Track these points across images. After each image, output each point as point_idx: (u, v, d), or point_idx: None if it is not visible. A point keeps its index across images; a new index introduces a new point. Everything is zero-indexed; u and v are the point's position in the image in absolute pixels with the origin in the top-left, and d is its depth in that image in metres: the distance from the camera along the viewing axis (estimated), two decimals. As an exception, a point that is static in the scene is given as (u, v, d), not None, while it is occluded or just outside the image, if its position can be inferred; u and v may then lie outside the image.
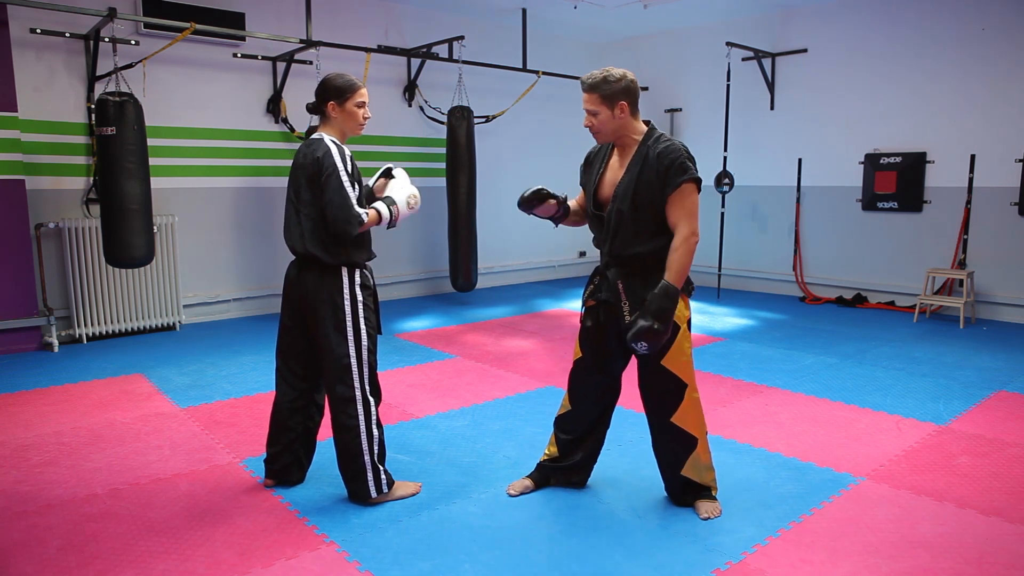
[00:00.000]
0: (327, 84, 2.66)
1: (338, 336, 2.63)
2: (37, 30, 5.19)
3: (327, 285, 2.63)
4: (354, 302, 2.65)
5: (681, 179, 2.43)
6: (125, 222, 4.83)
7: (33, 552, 2.40)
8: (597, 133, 2.55)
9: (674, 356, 2.54)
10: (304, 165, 2.61)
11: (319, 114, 2.72)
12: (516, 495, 2.82)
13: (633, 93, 2.50)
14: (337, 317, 2.63)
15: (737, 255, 7.87)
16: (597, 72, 2.50)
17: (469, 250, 6.84)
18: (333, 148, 2.59)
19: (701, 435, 2.64)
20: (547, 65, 7.78)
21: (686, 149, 2.50)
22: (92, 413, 3.78)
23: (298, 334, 2.75)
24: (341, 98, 2.66)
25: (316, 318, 2.65)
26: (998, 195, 6.15)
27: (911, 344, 5.34)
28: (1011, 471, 3.05)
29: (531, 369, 4.69)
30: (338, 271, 2.64)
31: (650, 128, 2.57)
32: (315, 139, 2.65)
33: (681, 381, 2.57)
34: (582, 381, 2.76)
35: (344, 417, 2.65)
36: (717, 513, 2.64)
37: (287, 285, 2.75)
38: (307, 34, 5.92)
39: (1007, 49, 6.01)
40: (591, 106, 2.50)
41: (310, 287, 2.65)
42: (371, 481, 2.69)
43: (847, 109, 6.99)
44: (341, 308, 2.63)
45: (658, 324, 2.36)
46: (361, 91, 2.69)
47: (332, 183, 2.54)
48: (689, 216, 2.45)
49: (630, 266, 2.55)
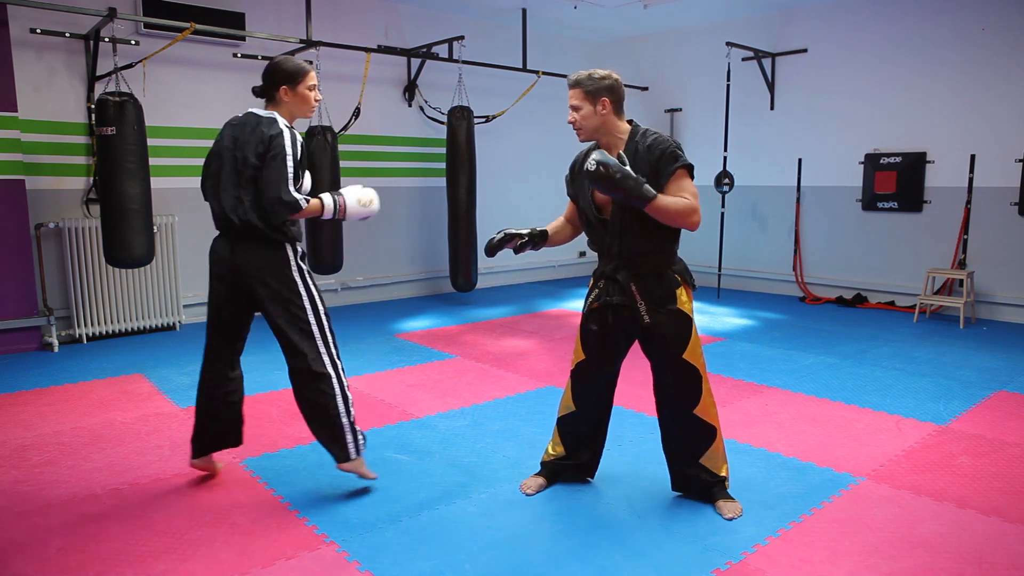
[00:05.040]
0: (279, 68, 2.68)
1: (296, 309, 2.66)
2: (37, 30, 5.19)
3: (274, 260, 2.65)
4: (302, 273, 2.70)
5: (674, 166, 2.47)
6: (125, 222, 4.83)
7: (33, 552, 2.40)
8: (579, 130, 2.58)
9: (692, 348, 2.59)
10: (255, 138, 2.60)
11: (267, 98, 2.72)
12: (533, 494, 2.83)
13: (616, 92, 2.55)
14: (292, 289, 2.66)
15: (737, 255, 7.87)
16: (583, 71, 2.58)
17: (469, 250, 6.84)
18: (287, 132, 2.61)
19: (719, 426, 2.70)
20: (547, 65, 7.78)
21: (674, 141, 2.54)
22: (92, 413, 3.78)
23: (234, 311, 2.77)
24: (294, 82, 2.68)
25: (267, 295, 2.66)
26: (998, 195, 6.15)
27: (911, 344, 5.34)
28: (1011, 471, 3.05)
29: (531, 369, 4.69)
30: (283, 247, 2.67)
31: (634, 126, 2.61)
32: (267, 117, 2.65)
33: (699, 372, 2.62)
34: (586, 383, 2.77)
35: (315, 387, 2.68)
36: (740, 512, 2.66)
37: (217, 263, 2.72)
38: (307, 34, 5.93)
39: (1007, 49, 6.01)
40: (575, 101, 2.55)
41: (253, 263, 2.65)
42: (351, 443, 2.74)
43: (847, 109, 6.99)
44: (293, 280, 2.67)
45: (617, 176, 2.33)
46: (312, 74, 2.73)
47: (276, 163, 2.56)
48: (692, 197, 2.47)
49: (641, 266, 2.56)
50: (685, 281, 2.61)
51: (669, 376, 2.64)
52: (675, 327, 2.56)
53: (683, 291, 2.59)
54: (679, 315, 2.56)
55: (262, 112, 2.68)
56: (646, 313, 2.55)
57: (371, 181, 7.02)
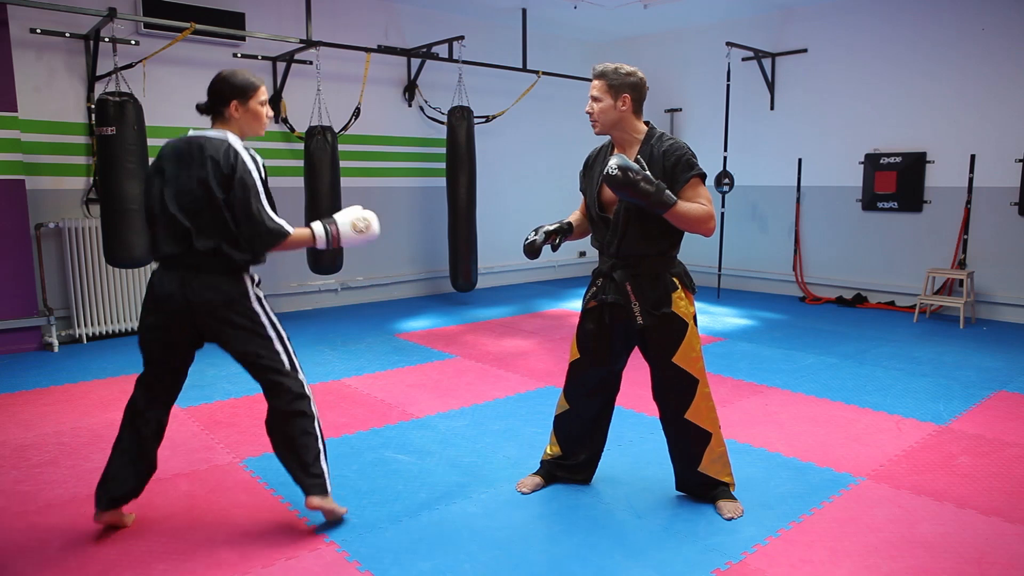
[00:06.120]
0: (227, 82, 2.41)
1: (262, 340, 2.44)
2: (37, 30, 5.19)
3: (231, 294, 2.40)
4: (260, 302, 2.47)
5: (689, 175, 2.47)
6: (125, 222, 4.83)
7: (33, 552, 2.40)
8: (595, 122, 2.56)
9: (685, 353, 2.57)
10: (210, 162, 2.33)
11: (214, 115, 2.46)
12: (529, 493, 2.83)
13: (639, 90, 2.54)
14: (255, 322, 2.43)
15: (737, 255, 7.86)
16: (610, 63, 2.55)
17: (469, 250, 6.84)
18: (243, 152, 2.38)
19: (715, 430, 2.67)
20: (547, 65, 7.78)
21: (689, 148, 2.54)
22: (92, 413, 3.78)
23: (179, 349, 2.49)
24: (245, 97, 2.43)
25: (230, 334, 2.41)
26: (998, 195, 6.15)
27: (911, 344, 5.34)
28: (1011, 471, 3.05)
29: (531, 369, 4.69)
30: (240, 277, 2.43)
31: (651, 128, 2.60)
32: (217, 137, 2.40)
33: (693, 377, 2.59)
34: (579, 380, 2.77)
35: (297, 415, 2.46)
36: (740, 512, 2.65)
37: (162, 298, 2.40)
38: (307, 34, 5.92)
39: (1007, 49, 6.00)
40: (596, 92, 2.53)
41: (209, 298, 2.38)
42: (326, 473, 2.52)
43: (847, 109, 6.99)
44: (255, 312, 2.44)
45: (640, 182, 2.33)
46: (263, 88, 2.49)
47: (249, 192, 2.32)
48: (708, 203, 2.48)
49: (637, 267, 2.56)
50: (684, 285, 2.60)
51: (661, 379, 2.64)
52: (667, 330, 2.55)
53: (681, 294, 2.57)
54: (673, 318, 2.55)
55: (211, 132, 2.42)
56: (639, 314, 2.55)
57: (371, 181, 7.04)
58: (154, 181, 2.42)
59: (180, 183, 2.37)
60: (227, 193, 2.33)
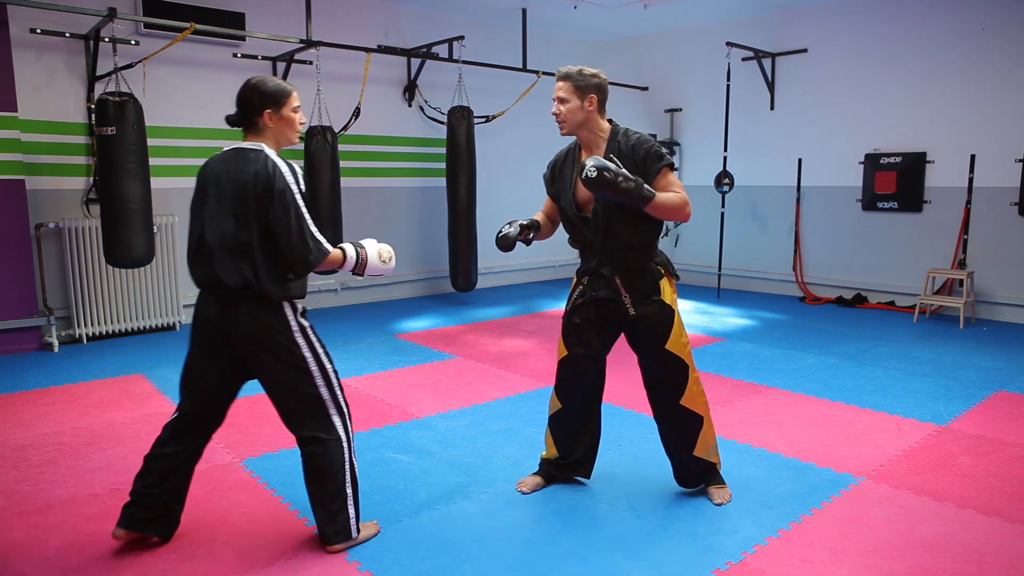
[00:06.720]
0: (258, 90, 2.30)
1: (300, 375, 2.31)
2: (37, 30, 5.19)
3: (272, 325, 2.27)
4: (305, 333, 2.33)
5: (659, 165, 2.57)
6: (125, 222, 4.83)
7: (33, 552, 2.40)
8: (563, 123, 2.62)
9: (675, 339, 2.64)
10: (244, 182, 2.21)
11: (247, 125, 2.34)
12: (529, 492, 2.85)
13: (603, 91, 2.64)
14: (294, 353, 2.29)
15: (737, 255, 7.86)
16: (573, 66, 2.64)
17: (469, 250, 6.84)
18: (282, 165, 2.25)
19: (706, 413, 2.74)
20: (547, 65, 7.78)
21: (656, 140, 2.60)
22: (92, 413, 3.78)
23: (222, 380, 2.39)
24: (278, 104, 2.31)
25: (266, 363, 2.30)
26: (998, 195, 6.15)
27: (911, 344, 5.33)
28: (1011, 471, 3.05)
29: (531, 369, 4.69)
30: (280, 307, 2.29)
31: (614, 125, 2.67)
32: (251, 150, 2.27)
33: (684, 363, 2.66)
34: (571, 377, 2.79)
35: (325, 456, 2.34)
36: (728, 498, 2.74)
37: (206, 325, 2.32)
38: (307, 34, 5.92)
39: (1007, 49, 6.00)
40: (562, 94, 2.60)
41: (251, 328, 2.27)
42: (352, 519, 2.40)
43: (847, 109, 6.99)
44: (296, 344, 2.30)
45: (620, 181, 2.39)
46: (295, 94, 2.37)
47: (290, 208, 2.20)
48: (680, 189, 2.58)
49: (624, 260, 2.62)
50: (668, 272, 2.68)
51: (655, 367, 2.69)
52: (659, 318, 2.62)
53: (666, 282, 2.66)
54: (663, 306, 2.62)
55: (246, 144, 2.30)
56: (631, 305, 2.61)
57: (371, 181, 7.04)
58: (197, 207, 2.32)
59: (220, 208, 2.25)
60: (266, 210, 2.21)
